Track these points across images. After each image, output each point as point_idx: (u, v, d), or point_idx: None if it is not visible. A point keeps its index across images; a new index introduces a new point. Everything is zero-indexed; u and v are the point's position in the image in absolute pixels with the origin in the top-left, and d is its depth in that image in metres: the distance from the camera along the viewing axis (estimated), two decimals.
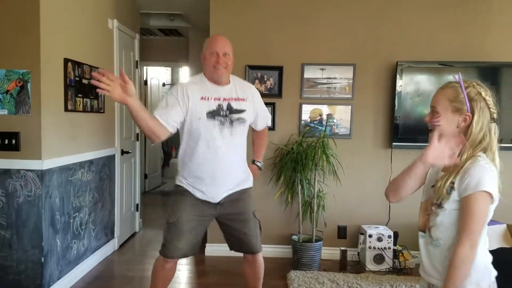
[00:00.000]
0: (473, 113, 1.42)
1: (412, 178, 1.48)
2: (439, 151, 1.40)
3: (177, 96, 2.26)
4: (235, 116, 2.32)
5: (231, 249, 2.55)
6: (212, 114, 2.27)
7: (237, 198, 2.40)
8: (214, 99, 2.29)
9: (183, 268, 3.69)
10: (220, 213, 2.39)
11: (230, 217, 2.42)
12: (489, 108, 1.44)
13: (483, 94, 1.44)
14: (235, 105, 2.33)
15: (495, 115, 1.46)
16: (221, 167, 2.30)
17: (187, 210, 2.32)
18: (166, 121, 2.19)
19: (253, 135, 2.67)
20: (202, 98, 2.28)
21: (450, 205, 1.42)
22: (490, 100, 1.45)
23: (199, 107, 2.26)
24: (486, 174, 1.38)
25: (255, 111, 2.47)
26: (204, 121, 2.25)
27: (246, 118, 2.38)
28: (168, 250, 2.34)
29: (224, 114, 2.30)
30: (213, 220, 2.45)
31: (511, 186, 3.88)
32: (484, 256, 1.46)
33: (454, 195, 1.41)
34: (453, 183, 1.41)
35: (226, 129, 2.29)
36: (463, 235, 1.36)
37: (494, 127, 1.46)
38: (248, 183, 2.50)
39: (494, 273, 1.46)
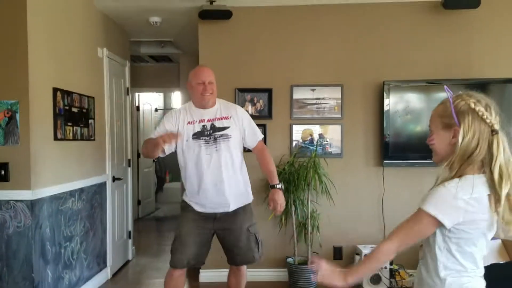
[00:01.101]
0: (463, 125, 1.32)
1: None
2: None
3: (171, 120, 2.63)
4: (219, 133, 2.58)
5: (228, 262, 2.77)
6: (197, 135, 2.58)
7: (233, 213, 2.62)
8: (199, 122, 2.60)
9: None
10: (217, 227, 2.63)
11: (224, 231, 2.65)
12: (483, 119, 1.31)
13: (472, 105, 1.32)
14: (218, 123, 2.60)
15: (495, 126, 1.32)
16: (209, 181, 2.54)
17: (188, 224, 2.62)
18: (166, 147, 2.49)
19: (257, 158, 2.81)
20: (189, 122, 2.61)
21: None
22: (482, 110, 1.31)
23: (187, 131, 2.59)
24: (436, 193, 1.32)
25: (241, 127, 2.66)
26: (190, 142, 2.57)
27: (230, 134, 2.60)
28: (172, 260, 2.62)
29: (208, 133, 2.58)
30: (213, 232, 2.66)
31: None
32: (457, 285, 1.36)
33: None
34: None
35: (211, 146, 2.56)
36: (394, 236, 1.37)
37: (497, 139, 1.31)
38: (247, 199, 2.72)
39: None
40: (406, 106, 3.74)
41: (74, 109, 3.33)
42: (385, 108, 3.72)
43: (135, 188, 6.29)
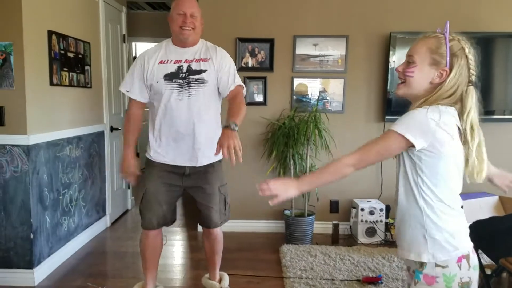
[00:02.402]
0: (451, 69, 1.29)
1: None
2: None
3: (138, 65, 2.31)
4: (194, 77, 2.25)
5: (199, 224, 2.57)
6: (169, 77, 2.25)
7: (203, 170, 2.36)
8: (174, 62, 2.26)
9: (177, 244, 3.68)
10: (186, 184, 2.38)
11: (195, 189, 2.40)
12: (469, 68, 1.30)
13: (466, 50, 1.30)
14: (194, 66, 2.26)
15: (473, 78, 1.31)
16: (178, 128, 2.26)
17: (154, 181, 2.35)
18: (135, 94, 2.33)
19: (228, 98, 2.35)
20: (161, 62, 2.28)
21: (399, 157, 1.37)
22: (472, 59, 1.31)
23: (158, 71, 2.26)
24: (407, 116, 1.29)
25: (219, 69, 2.28)
26: (161, 84, 2.25)
27: (207, 78, 2.26)
28: (143, 221, 2.41)
29: (183, 76, 2.24)
30: (182, 190, 2.43)
31: (502, 158, 3.91)
32: (445, 233, 1.29)
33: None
34: None
35: (184, 91, 2.24)
36: (356, 151, 1.33)
37: (471, 91, 1.32)
38: (217, 156, 2.23)
39: (462, 250, 1.29)
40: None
41: (70, 54, 3.22)
42: (391, 61, 3.62)
43: None
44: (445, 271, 1.27)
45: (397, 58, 3.61)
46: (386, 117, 3.69)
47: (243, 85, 2.36)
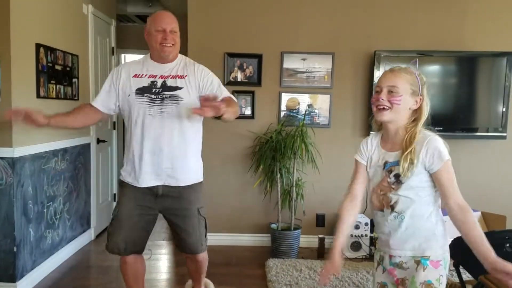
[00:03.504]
0: (423, 96, 1.59)
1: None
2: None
3: (111, 77, 2.24)
4: (168, 93, 2.14)
5: (178, 249, 2.39)
6: (141, 91, 2.15)
7: (180, 191, 2.22)
8: (149, 76, 2.18)
9: (163, 258, 3.67)
10: (161, 206, 2.23)
11: (171, 212, 2.25)
12: (427, 93, 1.62)
13: (424, 79, 1.62)
14: (170, 82, 2.17)
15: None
16: (148, 146, 2.14)
17: (126, 203, 2.21)
18: (98, 103, 2.24)
19: None
20: (135, 75, 2.19)
21: (413, 179, 1.53)
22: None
23: (130, 85, 2.18)
24: (440, 144, 1.53)
25: (201, 89, 2.19)
26: (132, 98, 2.16)
27: (182, 96, 2.14)
28: (109, 245, 2.23)
29: (156, 91, 2.14)
30: (158, 214, 2.28)
31: (485, 174, 4.00)
32: (442, 224, 1.60)
33: (419, 168, 1.52)
34: (411, 159, 1.51)
35: (155, 107, 2.13)
36: (463, 203, 1.50)
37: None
38: (196, 177, 2.29)
39: (449, 241, 1.63)
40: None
41: (58, 67, 3.23)
42: (375, 78, 3.70)
43: (120, 151, 6.22)
44: (445, 256, 1.59)
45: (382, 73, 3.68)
46: (371, 132, 3.73)
47: (232, 96, 2.27)
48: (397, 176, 1.56)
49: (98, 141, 4.06)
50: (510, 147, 3.87)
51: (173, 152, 2.16)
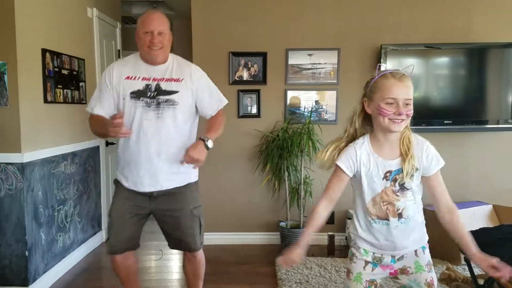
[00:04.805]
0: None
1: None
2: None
3: (104, 80, 2.17)
4: (163, 97, 2.10)
5: (169, 247, 2.38)
6: (136, 95, 2.11)
7: (173, 192, 2.19)
8: (143, 79, 2.12)
9: (174, 258, 3.68)
10: (155, 207, 2.21)
11: (164, 213, 2.23)
12: None
13: None
14: (164, 86, 2.12)
15: None
16: (144, 151, 2.11)
17: (120, 204, 2.21)
18: (105, 112, 2.16)
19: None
20: (128, 77, 2.14)
21: (414, 184, 1.57)
22: None
23: (124, 87, 2.13)
24: (434, 149, 1.58)
25: (195, 94, 2.18)
26: (127, 102, 2.11)
27: (178, 100, 2.12)
28: (108, 246, 2.25)
29: (151, 95, 2.10)
30: (150, 215, 2.26)
31: (497, 168, 3.95)
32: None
33: (418, 174, 1.56)
34: (413, 165, 1.54)
35: (151, 111, 2.10)
36: (451, 204, 1.56)
37: None
38: (191, 177, 2.27)
39: None
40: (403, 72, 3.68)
41: (64, 71, 3.25)
42: None
43: None
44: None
45: (388, 68, 3.64)
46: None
47: (225, 100, 2.31)
48: (402, 184, 1.56)
49: (107, 143, 4.09)
50: None
51: (171, 157, 2.14)
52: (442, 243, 2.52)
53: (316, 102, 3.85)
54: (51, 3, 3.12)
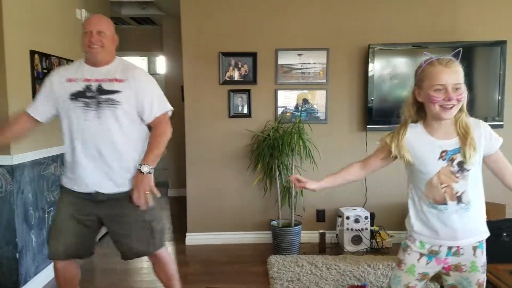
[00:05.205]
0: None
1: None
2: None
3: (46, 83, 2.21)
4: (104, 97, 2.08)
5: (122, 258, 2.28)
6: (75, 96, 2.10)
7: (123, 196, 2.13)
8: (84, 80, 2.12)
9: None
10: (103, 213, 2.16)
11: (112, 218, 2.18)
12: None
13: None
14: (106, 86, 2.10)
15: None
16: (86, 152, 2.09)
17: (64, 208, 2.17)
18: (32, 109, 2.22)
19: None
20: (69, 80, 2.14)
21: (475, 166, 1.56)
22: None
23: (64, 89, 2.12)
24: (489, 128, 1.60)
25: (138, 95, 2.12)
26: (67, 103, 2.11)
27: (119, 100, 2.08)
28: (48, 250, 2.20)
29: (91, 95, 2.09)
30: (100, 222, 2.21)
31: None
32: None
33: (479, 154, 1.56)
34: (474, 145, 1.53)
35: (91, 112, 2.08)
36: None
37: None
38: None
39: None
40: (391, 71, 3.73)
41: None
42: (370, 72, 3.71)
43: None
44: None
45: (377, 67, 3.69)
46: (368, 126, 3.76)
47: (169, 108, 2.23)
48: (461, 164, 1.54)
49: None
50: (507, 135, 3.85)
51: (112, 157, 2.11)
52: None
53: (306, 101, 3.88)
54: (39, 4, 3.11)
